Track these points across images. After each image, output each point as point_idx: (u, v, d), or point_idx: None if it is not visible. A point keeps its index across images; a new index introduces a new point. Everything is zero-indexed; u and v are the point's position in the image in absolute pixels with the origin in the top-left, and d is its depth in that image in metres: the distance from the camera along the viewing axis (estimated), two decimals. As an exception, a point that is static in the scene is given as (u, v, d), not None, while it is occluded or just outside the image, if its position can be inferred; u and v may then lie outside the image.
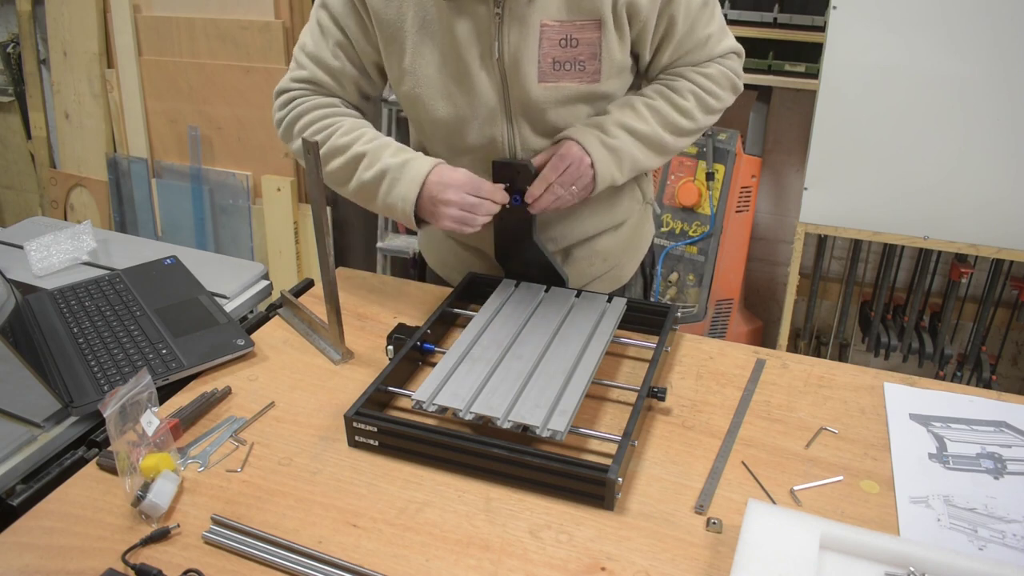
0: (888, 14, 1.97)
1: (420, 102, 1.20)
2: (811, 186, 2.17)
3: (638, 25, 1.17)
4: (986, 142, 2.01)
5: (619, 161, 1.20)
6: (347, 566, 0.85)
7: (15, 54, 3.32)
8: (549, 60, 1.15)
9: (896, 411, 1.08)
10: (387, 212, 1.19)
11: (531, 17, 1.12)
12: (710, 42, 1.23)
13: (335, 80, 1.26)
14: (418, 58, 1.17)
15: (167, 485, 0.94)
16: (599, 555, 0.87)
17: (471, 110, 1.19)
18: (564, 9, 1.13)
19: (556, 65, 1.15)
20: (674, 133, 1.24)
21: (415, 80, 1.19)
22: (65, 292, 1.39)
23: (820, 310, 2.68)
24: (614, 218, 1.36)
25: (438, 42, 1.16)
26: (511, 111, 1.19)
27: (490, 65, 1.15)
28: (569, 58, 1.15)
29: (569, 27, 1.13)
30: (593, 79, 1.18)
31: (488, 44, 1.14)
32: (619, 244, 1.40)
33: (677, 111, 1.23)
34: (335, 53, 1.23)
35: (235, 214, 3.01)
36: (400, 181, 1.16)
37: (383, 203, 1.19)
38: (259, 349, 1.24)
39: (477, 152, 1.23)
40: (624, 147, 1.20)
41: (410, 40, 1.17)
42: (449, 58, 1.16)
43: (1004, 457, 1.00)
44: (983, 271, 2.39)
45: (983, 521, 0.91)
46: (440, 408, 1.03)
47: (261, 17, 2.72)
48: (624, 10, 1.14)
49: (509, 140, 1.22)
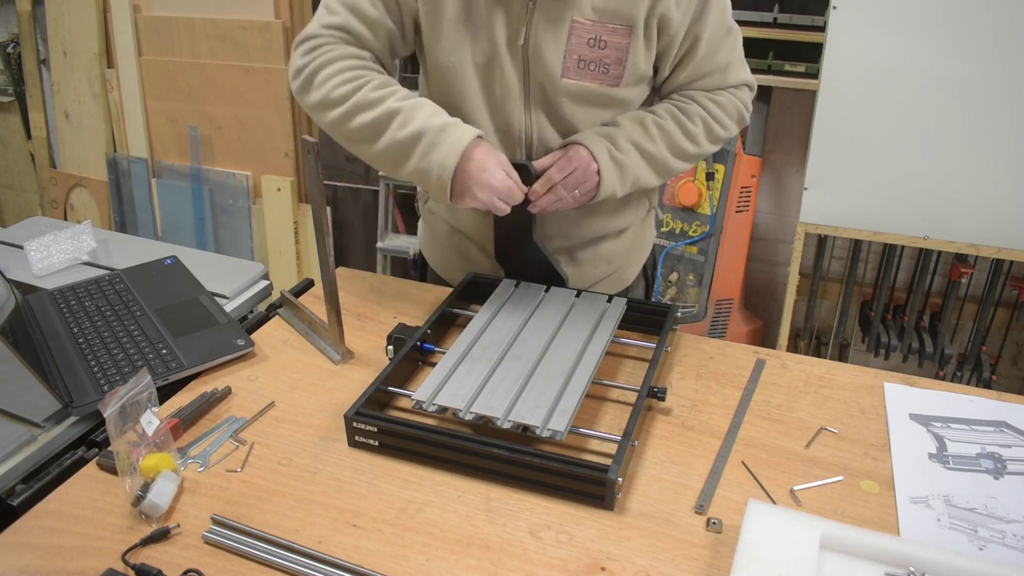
0: (888, 14, 1.97)
1: (453, 72, 1.19)
2: (811, 186, 2.17)
3: (666, 39, 1.18)
4: (986, 142, 2.01)
5: (623, 176, 1.21)
6: (347, 566, 0.85)
7: (15, 54, 3.32)
8: (575, 57, 1.15)
9: (896, 411, 1.08)
10: (418, 177, 1.14)
11: (564, 11, 1.13)
12: (728, 70, 1.25)
13: (370, 30, 1.19)
14: (458, 29, 1.16)
15: (167, 485, 0.94)
16: (599, 555, 0.87)
17: (495, 90, 1.20)
18: (598, 10, 1.13)
19: (581, 63, 1.16)
20: (679, 157, 1.25)
21: (451, 49, 1.17)
22: (65, 292, 1.39)
23: (820, 310, 2.68)
24: (620, 223, 1.36)
25: (476, 20, 1.16)
26: (530, 98, 1.20)
27: (515, 50, 1.16)
28: (595, 59, 1.16)
29: (600, 28, 1.14)
30: (614, 83, 1.18)
31: (517, 29, 1.15)
32: (623, 248, 1.40)
33: (685, 135, 1.24)
34: (373, 1, 1.18)
35: (235, 214, 3.01)
36: (438, 146, 1.11)
37: (416, 166, 1.13)
38: (259, 349, 1.24)
39: (493, 134, 1.24)
40: (631, 163, 1.20)
41: (451, 10, 1.15)
42: (483, 37, 1.17)
43: (1004, 457, 1.00)
44: (983, 271, 2.39)
45: (983, 521, 0.91)
46: (440, 408, 1.03)
47: (261, 17, 2.72)
48: (656, 21, 1.15)
49: (526, 126, 1.22)
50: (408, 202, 2.85)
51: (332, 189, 2.99)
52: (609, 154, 1.19)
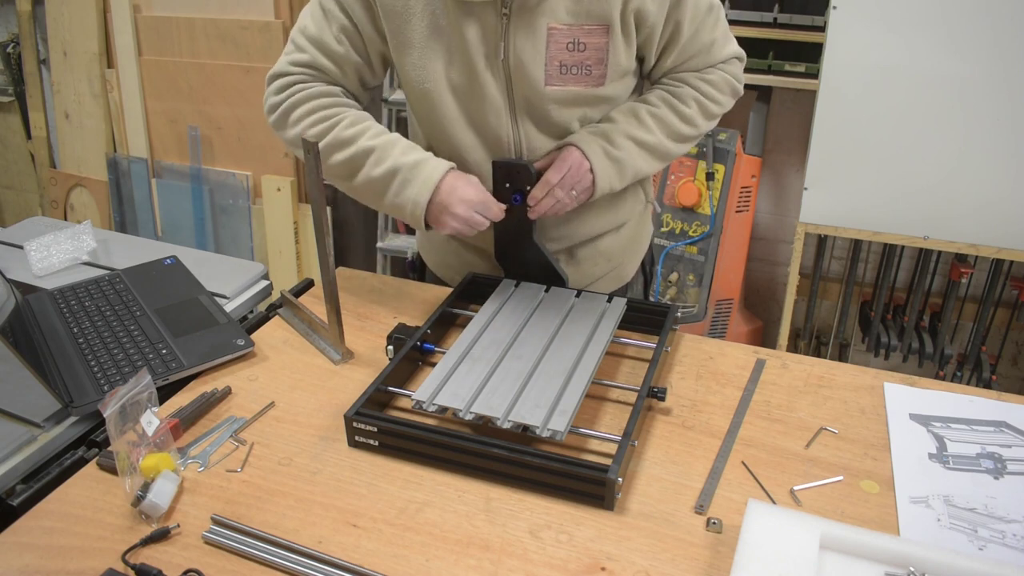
0: (888, 14, 1.97)
1: (428, 98, 1.19)
2: (811, 186, 2.17)
3: (645, 31, 1.17)
4: (986, 142, 2.01)
5: (621, 170, 1.22)
6: (347, 566, 0.85)
7: (15, 54, 3.32)
8: (556, 63, 1.15)
9: (896, 411, 1.08)
10: (394, 211, 1.18)
11: (538, 20, 1.12)
12: (714, 48, 1.24)
13: (337, 66, 1.22)
14: (428, 53, 1.16)
15: (167, 485, 0.94)
16: (599, 555, 0.87)
17: (477, 107, 1.19)
18: (572, 13, 1.12)
19: (563, 69, 1.15)
20: (677, 140, 1.26)
21: (424, 75, 1.17)
22: (65, 292, 1.39)
23: (820, 310, 2.68)
24: (617, 219, 1.36)
25: (446, 40, 1.15)
26: (515, 110, 1.19)
27: (496, 66, 1.15)
28: (576, 62, 1.15)
29: (577, 31, 1.13)
30: (598, 83, 1.18)
31: (494, 45, 1.14)
32: (621, 244, 1.40)
33: (681, 119, 1.24)
34: (339, 38, 1.20)
35: (235, 214, 3.01)
36: (411, 183, 1.15)
37: (391, 202, 1.17)
38: (259, 349, 1.24)
39: (481, 150, 1.23)
40: (628, 158, 1.21)
41: (418, 36, 1.15)
42: (456, 56, 1.16)
43: (1004, 457, 1.00)
44: (983, 271, 2.39)
45: (983, 521, 0.91)
46: (440, 408, 1.03)
47: (261, 17, 2.72)
48: (632, 16, 1.14)
49: (514, 138, 1.22)
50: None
51: (332, 189, 2.99)
52: (604, 151, 1.19)
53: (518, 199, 1.21)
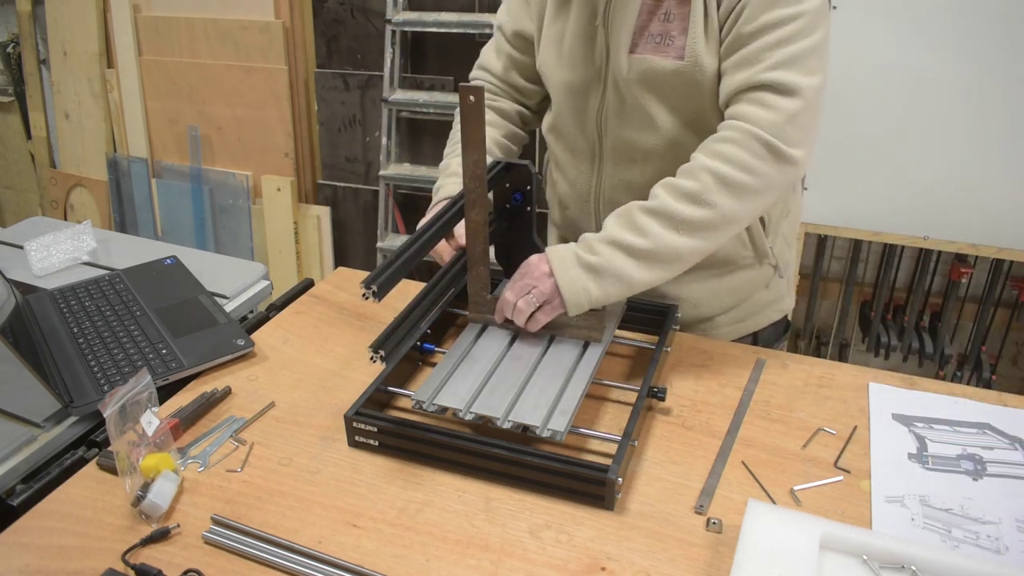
0: (888, 14, 1.97)
1: (545, 67, 1.26)
2: (811, 186, 2.17)
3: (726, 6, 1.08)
4: (986, 142, 2.01)
5: (598, 277, 1.06)
6: (347, 566, 0.85)
7: (15, 54, 3.32)
8: (644, 33, 1.14)
9: (879, 411, 1.08)
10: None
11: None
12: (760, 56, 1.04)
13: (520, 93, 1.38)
14: (552, 25, 1.23)
15: (167, 485, 0.94)
16: (599, 555, 0.87)
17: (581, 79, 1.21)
18: None
19: (648, 38, 1.14)
20: (687, 232, 1.05)
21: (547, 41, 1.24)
22: (65, 292, 1.39)
23: (820, 310, 2.68)
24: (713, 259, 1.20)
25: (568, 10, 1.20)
26: (606, 83, 1.19)
27: (594, 30, 1.17)
28: (661, 31, 1.13)
29: (669, 2, 1.12)
30: (678, 55, 1.11)
31: (594, 8, 1.16)
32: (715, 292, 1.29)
33: (686, 199, 1.04)
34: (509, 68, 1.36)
35: (235, 214, 3.01)
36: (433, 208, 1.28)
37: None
38: (259, 349, 1.24)
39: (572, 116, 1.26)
40: (607, 264, 1.06)
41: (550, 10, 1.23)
42: (571, 24, 1.19)
43: (985, 459, 0.99)
44: (983, 271, 2.39)
45: (958, 522, 0.90)
46: (440, 408, 1.03)
47: (261, 17, 2.72)
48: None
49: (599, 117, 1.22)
50: (408, 202, 2.85)
51: (332, 189, 2.99)
52: (575, 257, 1.08)
53: (518, 199, 1.21)
